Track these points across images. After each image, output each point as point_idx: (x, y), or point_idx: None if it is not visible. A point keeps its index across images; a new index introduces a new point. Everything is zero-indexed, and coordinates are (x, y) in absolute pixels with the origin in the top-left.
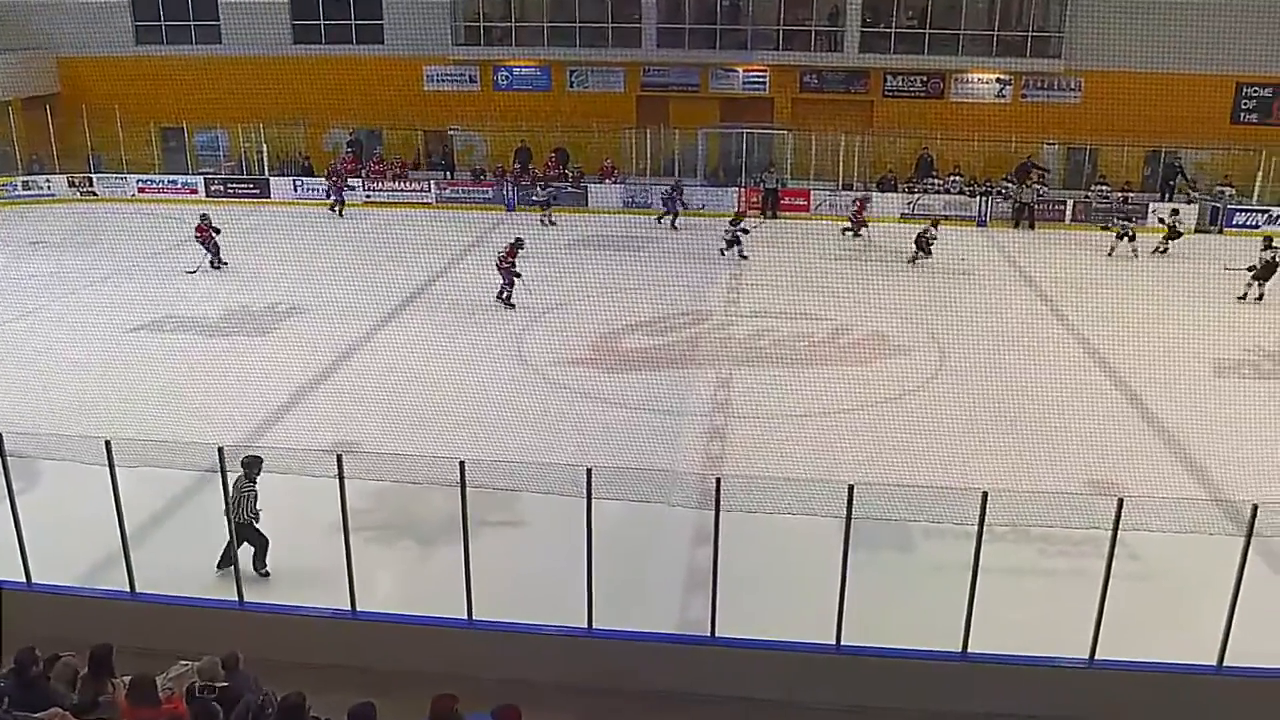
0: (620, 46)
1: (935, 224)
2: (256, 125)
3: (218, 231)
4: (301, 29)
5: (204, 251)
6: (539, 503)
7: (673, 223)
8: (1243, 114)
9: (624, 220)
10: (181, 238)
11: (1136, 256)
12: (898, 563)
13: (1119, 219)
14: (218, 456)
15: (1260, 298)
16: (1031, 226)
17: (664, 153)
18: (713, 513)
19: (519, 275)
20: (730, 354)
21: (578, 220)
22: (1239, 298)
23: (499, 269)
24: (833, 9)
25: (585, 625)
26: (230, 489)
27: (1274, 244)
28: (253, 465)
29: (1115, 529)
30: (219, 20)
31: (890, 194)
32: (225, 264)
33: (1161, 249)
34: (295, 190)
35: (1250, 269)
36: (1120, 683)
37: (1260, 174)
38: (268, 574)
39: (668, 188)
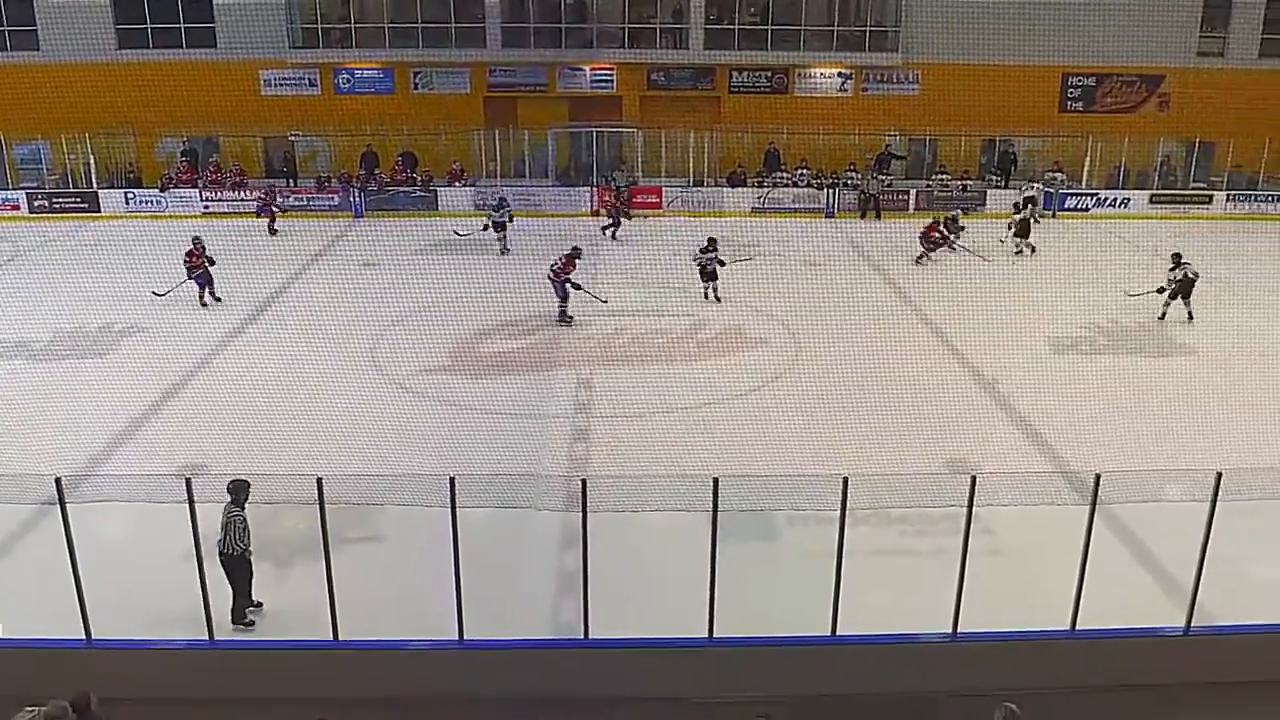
0: (464, 47)
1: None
2: (82, 136)
3: (212, 262)
4: (126, 34)
5: (190, 282)
6: (402, 515)
7: (613, 234)
8: (1069, 102)
9: (476, 223)
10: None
11: (1028, 253)
12: (765, 552)
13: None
14: (56, 488)
15: (1190, 317)
16: (878, 216)
17: (513, 154)
18: (580, 514)
19: (578, 287)
20: (590, 354)
21: (428, 224)
22: (1159, 317)
23: (554, 282)
24: (677, 6)
25: (456, 637)
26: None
27: (1184, 261)
28: (240, 490)
29: (970, 506)
30: (36, 26)
31: (740, 189)
32: (219, 299)
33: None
34: (127, 203)
35: (1160, 290)
36: (982, 653)
37: (1088, 159)
38: (251, 623)
39: (611, 196)
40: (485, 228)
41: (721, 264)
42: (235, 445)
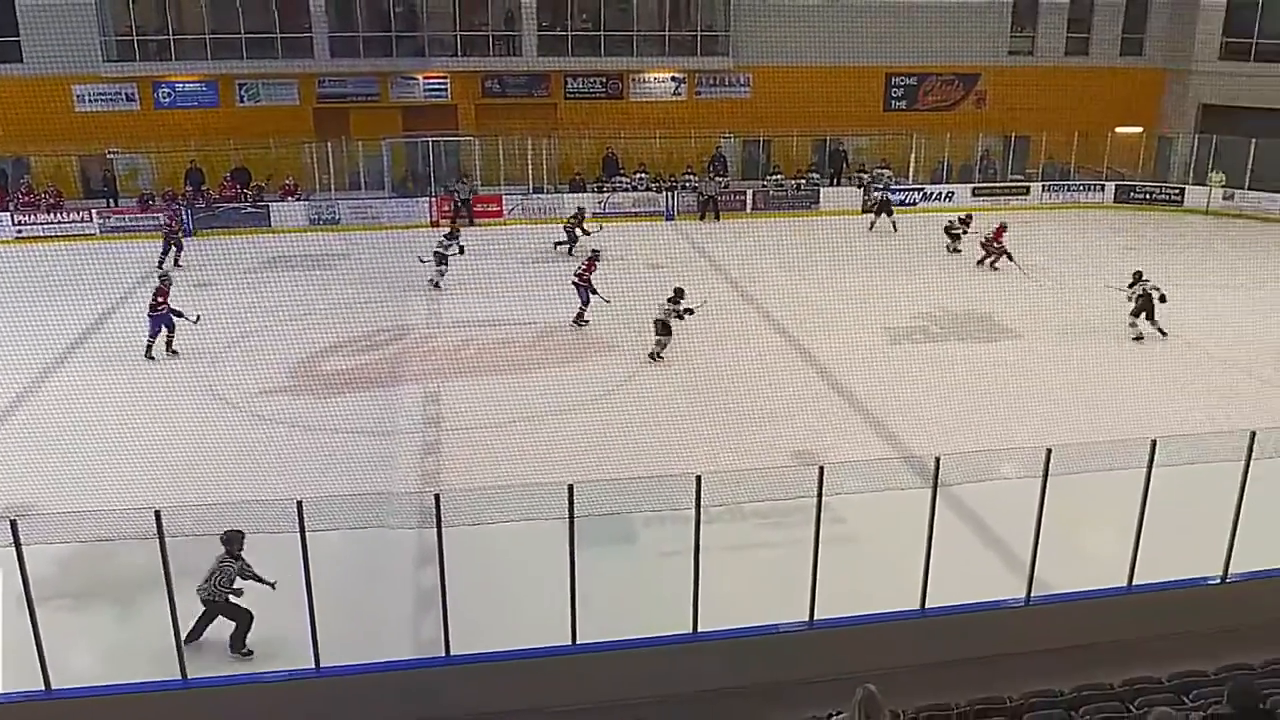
0: (291, 57)
1: (965, 219)
2: None
3: (178, 315)
4: None
5: (151, 328)
6: (249, 544)
7: (570, 250)
8: (893, 101)
9: (311, 238)
10: None
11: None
12: (624, 554)
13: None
14: None
15: (1164, 331)
16: (717, 217)
17: (348, 166)
18: (435, 530)
19: (595, 292)
20: (437, 367)
21: (262, 241)
22: (1135, 339)
23: (579, 287)
24: (509, 13)
25: (313, 666)
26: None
27: (1144, 278)
28: (232, 541)
29: (819, 496)
30: None
31: (580, 194)
32: (176, 353)
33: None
34: None
35: (1129, 297)
36: (839, 638)
37: (913, 155)
38: (250, 653)
39: (571, 220)
40: (442, 262)
41: (690, 312)
42: (65, 483)
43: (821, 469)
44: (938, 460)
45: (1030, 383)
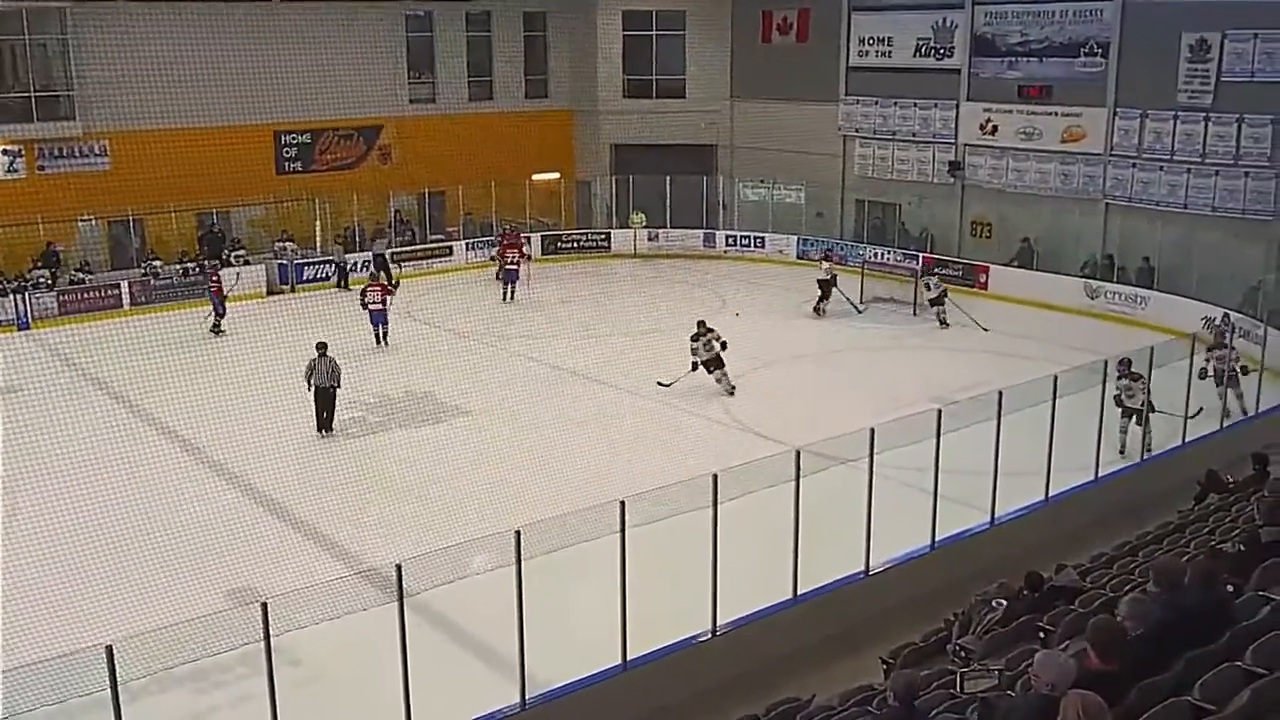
0: None
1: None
2: None
3: None
4: None
5: None
6: None
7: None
8: (286, 163)
9: None
10: None
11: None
12: None
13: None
14: None
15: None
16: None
17: None
18: None
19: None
20: None
21: None
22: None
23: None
24: None
25: None
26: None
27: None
28: (323, 346)
29: (267, 638)
30: None
31: None
32: None
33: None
34: None
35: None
36: None
37: (318, 222)
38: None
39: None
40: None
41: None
42: None
43: (265, 605)
44: (399, 568)
45: (488, 461)
